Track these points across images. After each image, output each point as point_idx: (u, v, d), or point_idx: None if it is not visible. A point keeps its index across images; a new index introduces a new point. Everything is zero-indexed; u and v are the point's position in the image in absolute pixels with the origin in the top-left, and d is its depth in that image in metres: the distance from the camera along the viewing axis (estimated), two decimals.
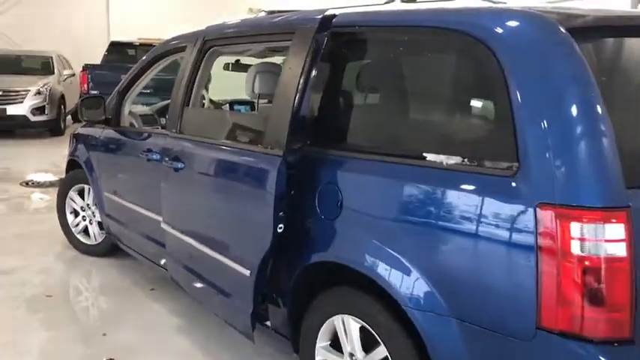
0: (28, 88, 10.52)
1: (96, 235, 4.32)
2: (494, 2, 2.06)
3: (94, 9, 15.91)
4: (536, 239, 1.61)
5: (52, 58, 12.05)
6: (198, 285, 2.90)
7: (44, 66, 11.86)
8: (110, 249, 4.26)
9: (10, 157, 8.85)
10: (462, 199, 1.79)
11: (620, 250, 1.55)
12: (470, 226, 1.75)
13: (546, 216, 1.59)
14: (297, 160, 2.26)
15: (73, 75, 12.54)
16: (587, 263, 1.56)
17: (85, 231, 4.39)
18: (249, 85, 2.90)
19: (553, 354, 1.62)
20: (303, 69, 2.23)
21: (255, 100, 3.04)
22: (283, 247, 2.27)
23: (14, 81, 10.73)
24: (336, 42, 2.31)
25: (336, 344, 2.27)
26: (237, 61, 4.06)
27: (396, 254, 1.94)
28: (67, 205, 4.43)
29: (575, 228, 1.56)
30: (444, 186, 1.84)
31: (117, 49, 11.74)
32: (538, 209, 1.61)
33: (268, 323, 2.61)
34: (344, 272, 2.15)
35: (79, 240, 4.41)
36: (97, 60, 11.56)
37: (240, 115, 3.59)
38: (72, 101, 12.06)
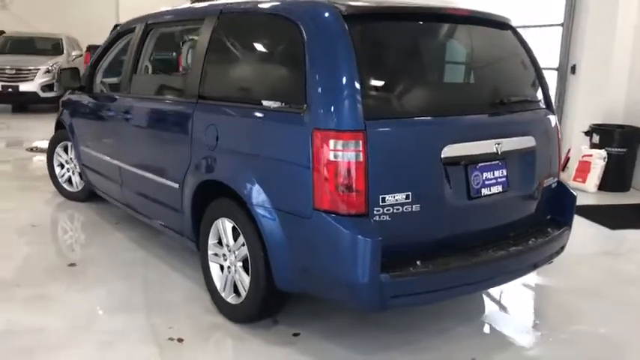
0: (39, 67, 11.51)
1: (77, 184, 5.31)
2: None
3: None
4: (312, 151, 2.51)
5: (61, 39, 13.08)
6: (145, 202, 3.89)
7: (54, 47, 12.88)
8: (89, 195, 5.23)
9: (21, 128, 9.95)
10: (278, 128, 2.71)
11: (360, 157, 2.44)
12: (282, 146, 2.67)
13: (317, 137, 2.49)
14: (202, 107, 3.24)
15: (81, 55, 13.51)
16: (339, 166, 2.45)
17: (69, 180, 5.38)
18: (183, 58, 3.81)
19: (322, 223, 2.51)
20: (207, 43, 3.22)
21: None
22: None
23: (26, 60, 11.75)
24: (222, 24, 3.22)
25: (220, 242, 3.20)
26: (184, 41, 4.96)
27: (246, 171, 2.85)
28: (55, 159, 5.42)
29: (332, 143, 2.46)
30: (270, 120, 2.76)
31: None
32: (313, 133, 2.50)
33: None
34: (222, 187, 3.07)
35: (63, 187, 5.41)
36: None
37: (169, 77, 4.32)
38: None
